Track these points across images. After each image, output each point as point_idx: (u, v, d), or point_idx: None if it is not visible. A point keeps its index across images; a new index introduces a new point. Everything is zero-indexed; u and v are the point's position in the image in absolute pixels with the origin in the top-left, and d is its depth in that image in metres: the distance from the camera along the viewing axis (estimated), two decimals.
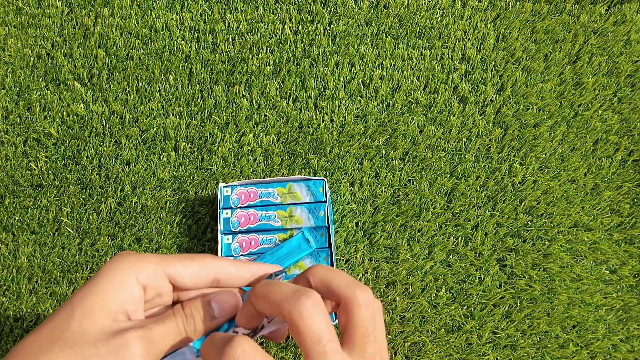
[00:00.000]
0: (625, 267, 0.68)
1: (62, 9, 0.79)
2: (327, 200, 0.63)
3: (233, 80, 0.75)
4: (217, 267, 0.32)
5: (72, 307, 0.29)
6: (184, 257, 0.32)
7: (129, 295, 0.30)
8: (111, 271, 0.30)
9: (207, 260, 0.32)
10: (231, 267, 0.33)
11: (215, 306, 0.32)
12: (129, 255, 0.31)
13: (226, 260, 0.33)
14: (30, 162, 0.73)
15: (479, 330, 0.66)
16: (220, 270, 0.32)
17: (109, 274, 0.30)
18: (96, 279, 0.30)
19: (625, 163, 0.72)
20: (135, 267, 0.30)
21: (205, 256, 0.33)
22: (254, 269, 0.33)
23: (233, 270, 0.33)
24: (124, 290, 0.30)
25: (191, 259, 0.32)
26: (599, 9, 0.78)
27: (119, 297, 0.29)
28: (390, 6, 0.78)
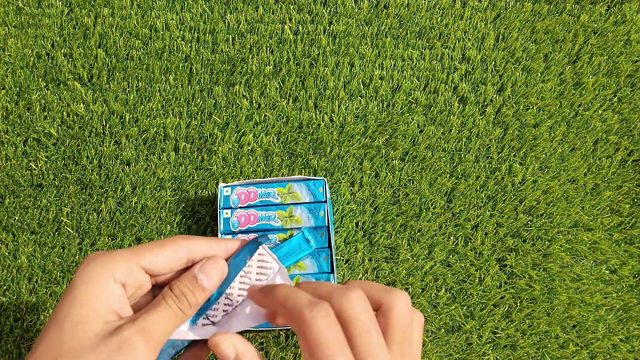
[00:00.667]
0: (625, 267, 0.68)
1: (62, 9, 0.79)
2: (327, 200, 0.63)
3: (233, 80, 0.75)
4: (190, 248, 0.32)
5: (58, 322, 0.29)
6: (155, 245, 0.32)
7: (111, 296, 0.30)
8: (86, 278, 0.29)
9: (178, 242, 0.32)
10: (203, 245, 0.33)
11: (202, 276, 0.32)
12: (99, 257, 0.30)
13: (198, 239, 0.33)
14: (30, 162, 0.73)
15: (479, 330, 0.66)
16: (193, 250, 0.32)
17: (85, 281, 0.29)
18: (73, 289, 0.29)
19: (625, 163, 0.72)
20: (109, 268, 0.30)
21: (175, 239, 0.32)
22: (229, 245, 0.34)
23: (206, 249, 0.33)
24: (105, 292, 0.29)
25: (162, 246, 0.32)
26: (599, 9, 0.78)
27: (102, 300, 0.29)
28: (390, 6, 0.78)
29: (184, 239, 0.33)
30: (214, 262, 0.33)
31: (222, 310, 0.35)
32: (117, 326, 0.29)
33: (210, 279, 0.32)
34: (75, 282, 0.30)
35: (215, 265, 0.33)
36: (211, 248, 0.33)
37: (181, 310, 0.31)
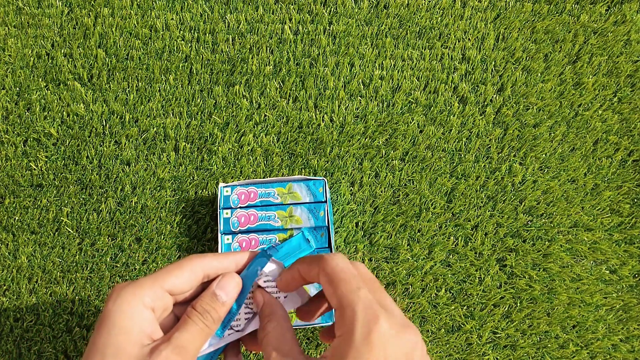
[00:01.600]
0: (625, 267, 0.68)
1: (62, 9, 0.79)
2: (327, 200, 0.63)
3: (233, 80, 0.75)
4: (204, 265, 0.36)
5: (99, 350, 0.31)
6: (174, 268, 0.35)
7: (144, 321, 0.33)
8: (119, 307, 0.32)
9: (194, 262, 0.35)
10: (215, 262, 0.36)
11: (221, 293, 0.35)
12: (127, 287, 0.33)
13: (209, 257, 0.36)
14: (30, 162, 0.73)
15: (479, 330, 0.66)
16: (206, 267, 0.36)
17: (119, 311, 0.32)
18: (109, 317, 0.32)
19: (625, 163, 0.72)
20: (139, 295, 0.33)
21: (191, 259, 0.35)
22: (238, 258, 0.38)
23: (218, 265, 0.36)
24: (138, 318, 0.32)
25: (180, 268, 0.35)
26: (599, 9, 0.78)
27: (137, 325, 0.32)
28: (390, 6, 0.78)
29: (198, 259, 0.36)
30: (230, 279, 0.36)
31: (244, 319, 0.38)
32: (154, 347, 0.32)
33: (228, 293, 0.36)
34: (109, 311, 0.32)
35: (231, 281, 0.36)
36: (222, 263, 0.36)
37: (207, 326, 0.34)
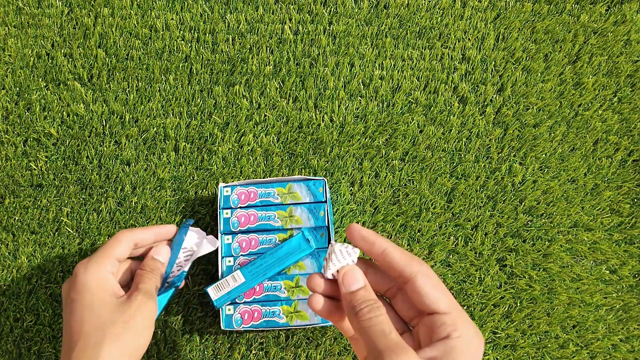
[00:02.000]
0: (625, 267, 0.68)
1: (62, 9, 0.79)
2: (327, 200, 0.63)
3: (233, 80, 0.75)
4: (133, 237, 0.52)
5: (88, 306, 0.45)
6: (115, 242, 0.50)
7: (111, 281, 0.47)
8: (92, 275, 0.46)
9: (127, 236, 0.51)
10: (140, 233, 0.52)
11: (158, 256, 0.54)
12: (90, 261, 0.47)
13: (136, 230, 0.52)
14: (30, 162, 0.73)
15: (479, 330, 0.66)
16: (136, 238, 0.52)
17: (92, 277, 0.46)
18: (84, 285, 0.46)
19: (625, 163, 0.72)
20: (102, 264, 0.47)
21: (123, 234, 0.51)
22: (156, 230, 0.55)
23: (142, 236, 0.53)
24: (107, 280, 0.47)
25: (119, 241, 0.50)
26: (599, 9, 0.78)
27: (109, 285, 0.47)
28: (390, 6, 0.78)
29: (129, 232, 0.51)
30: (162, 246, 0.55)
31: (177, 271, 0.57)
32: (128, 296, 0.47)
33: (162, 256, 0.54)
34: (84, 279, 0.46)
35: (162, 247, 0.54)
36: (144, 234, 0.53)
37: (156, 277, 0.51)
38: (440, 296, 0.33)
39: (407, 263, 0.33)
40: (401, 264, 0.34)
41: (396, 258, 0.34)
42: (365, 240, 0.35)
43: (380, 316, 0.32)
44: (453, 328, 0.31)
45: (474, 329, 0.32)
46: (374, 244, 0.34)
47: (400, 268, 0.33)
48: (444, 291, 0.33)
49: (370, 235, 0.35)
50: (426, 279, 0.33)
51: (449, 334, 0.31)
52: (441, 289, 0.33)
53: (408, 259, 0.34)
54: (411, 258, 0.34)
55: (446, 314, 0.32)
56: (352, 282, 0.34)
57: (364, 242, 0.35)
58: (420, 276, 0.33)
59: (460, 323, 0.32)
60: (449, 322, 0.32)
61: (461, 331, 0.31)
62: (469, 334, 0.32)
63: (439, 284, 0.33)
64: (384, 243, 0.34)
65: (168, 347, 0.66)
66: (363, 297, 0.33)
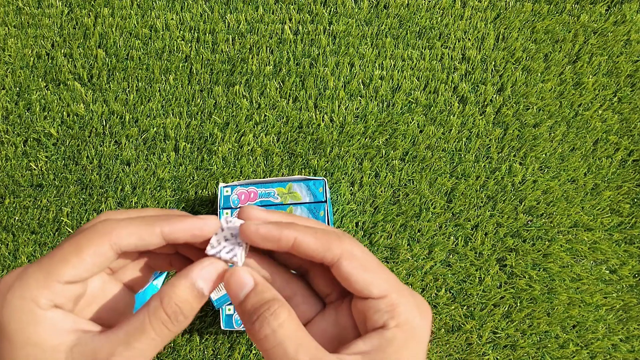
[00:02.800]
0: (625, 267, 0.68)
1: (62, 9, 0.79)
2: (327, 200, 0.63)
3: (233, 80, 0.75)
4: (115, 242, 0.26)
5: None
6: (71, 251, 0.26)
7: (52, 323, 0.25)
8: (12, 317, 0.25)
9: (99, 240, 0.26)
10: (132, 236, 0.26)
11: (204, 285, 0.26)
12: (12, 289, 0.25)
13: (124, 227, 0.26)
14: (30, 162, 0.73)
15: (479, 330, 0.66)
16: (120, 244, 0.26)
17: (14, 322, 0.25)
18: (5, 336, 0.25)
19: (625, 163, 0.72)
20: (28, 298, 0.25)
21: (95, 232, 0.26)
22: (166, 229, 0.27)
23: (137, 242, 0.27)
24: (42, 325, 0.25)
25: (79, 252, 0.26)
26: (599, 9, 0.78)
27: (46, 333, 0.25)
28: (390, 6, 0.78)
29: (106, 232, 0.26)
30: (214, 267, 0.27)
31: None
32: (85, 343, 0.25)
33: (210, 286, 0.27)
34: (2, 323, 0.25)
35: (215, 270, 0.27)
36: (143, 239, 0.27)
37: (171, 332, 0.25)
38: (372, 279, 0.27)
39: (325, 248, 0.27)
40: (319, 252, 0.27)
41: (311, 247, 0.27)
42: (269, 240, 0.27)
43: (281, 330, 0.25)
44: (389, 315, 0.26)
45: (416, 312, 0.27)
46: (280, 240, 0.27)
47: (319, 256, 0.27)
48: (376, 270, 0.27)
49: (272, 231, 0.27)
50: (351, 261, 0.27)
51: (384, 322, 0.26)
52: (372, 268, 0.27)
53: (325, 242, 0.27)
54: (328, 239, 0.27)
55: (381, 298, 0.27)
56: (238, 286, 0.27)
57: (268, 242, 0.27)
58: (344, 260, 0.27)
59: (400, 307, 0.26)
60: (385, 308, 0.26)
61: (400, 318, 0.26)
62: (409, 321, 0.26)
63: (369, 263, 0.27)
64: (291, 232, 0.27)
65: (168, 347, 0.66)
66: (254, 303, 0.26)
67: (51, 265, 0.25)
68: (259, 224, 0.27)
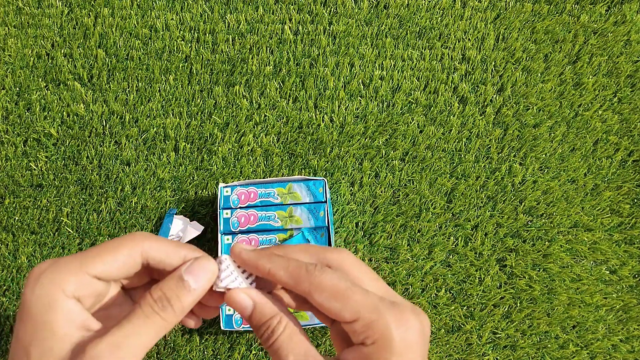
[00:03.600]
0: (625, 267, 0.68)
1: (62, 9, 0.79)
2: (327, 200, 0.63)
3: (233, 80, 0.75)
4: (145, 250, 0.29)
5: (25, 350, 0.27)
6: (107, 249, 0.29)
7: (69, 313, 0.27)
8: (38, 298, 0.27)
9: (133, 244, 0.29)
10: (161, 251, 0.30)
11: (190, 278, 0.29)
12: (46, 272, 0.27)
13: (155, 241, 0.30)
14: (30, 162, 0.73)
15: (479, 330, 0.66)
16: (149, 253, 0.29)
17: (38, 303, 0.27)
18: (28, 312, 0.27)
19: (625, 163, 0.72)
20: (57, 282, 0.27)
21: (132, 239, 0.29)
22: (186, 254, 0.30)
23: (163, 257, 0.30)
24: (61, 311, 0.27)
25: (115, 251, 0.29)
26: (599, 9, 0.78)
27: (61, 319, 0.27)
28: (390, 6, 0.78)
29: (140, 240, 0.29)
30: (206, 264, 0.29)
31: None
32: (81, 344, 0.26)
33: (199, 280, 0.29)
34: (28, 302, 0.27)
35: (206, 267, 0.29)
36: (168, 256, 0.30)
37: (162, 318, 0.28)
38: (340, 307, 0.28)
39: (295, 282, 0.29)
40: (290, 285, 0.29)
41: (282, 279, 0.29)
42: (248, 266, 0.30)
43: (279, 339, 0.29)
44: (365, 335, 0.28)
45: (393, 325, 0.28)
46: (257, 268, 0.30)
47: (292, 288, 0.29)
48: (345, 296, 0.28)
49: (251, 259, 0.30)
50: (320, 293, 0.29)
51: (362, 340, 0.28)
52: (341, 296, 0.28)
53: (295, 276, 0.29)
54: (297, 274, 0.29)
55: (354, 321, 0.28)
56: (240, 309, 0.30)
57: (248, 268, 0.31)
58: (313, 293, 0.29)
59: (373, 325, 0.28)
60: (359, 330, 0.28)
61: (374, 336, 0.28)
62: (385, 336, 0.28)
63: (339, 290, 0.29)
64: (266, 264, 0.30)
65: (168, 347, 0.66)
66: (257, 322, 0.30)
67: (86, 258, 0.28)
68: (243, 248, 0.31)
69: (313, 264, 0.29)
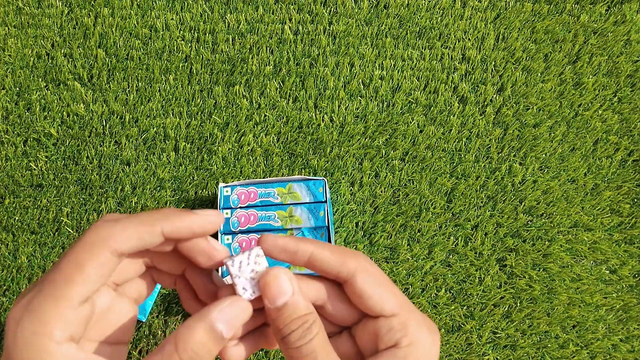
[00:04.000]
0: (625, 267, 0.68)
1: (62, 9, 0.79)
2: (327, 200, 0.63)
3: (233, 80, 0.75)
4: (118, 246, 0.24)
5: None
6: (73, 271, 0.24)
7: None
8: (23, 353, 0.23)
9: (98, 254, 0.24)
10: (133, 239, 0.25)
11: (223, 327, 0.25)
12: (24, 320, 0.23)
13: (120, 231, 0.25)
14: (30, 162, 0.73)
15: (479, 330, 0.66)
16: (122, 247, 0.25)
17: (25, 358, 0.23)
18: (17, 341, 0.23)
19: (625, 163, 0.72)
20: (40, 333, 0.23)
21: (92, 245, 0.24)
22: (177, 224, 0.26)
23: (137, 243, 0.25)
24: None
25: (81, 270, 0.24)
26: (599, 9, 0.78)
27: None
28: (390, 6, 0.78)
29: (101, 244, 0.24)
30: (237, 307, 0.25)
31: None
32: None
33: (233, 326, 0.25)
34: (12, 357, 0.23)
35: (238, 310, 0.25)
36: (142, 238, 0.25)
37: None
38: (385, 295, 0.27)
39: (341, 262, 0.27)
40: (335, 266, 0.27)
41: (326, 260, 0.27)
42: (287, 251, 0.27)
43: (314, 341, 0.25)
44: (402, 334, 0.26)
45: (427, 332, 0.27)
46: (296, 252, 0.27)
47: (335, 270, 0.27)
48: (389, 288, 0.27)
49: (290, 243, 0.27)
50: (366, 276, 0.27)
51: (397, 341, 0.26)
52: (386, 285, 0.27)
53: (341, 257, 0.27)
54: (344, 255, 0.27)
55: (394, 316, 0.27)
56: (277, 293, 0.26)
57: (285, 253, 0.28)
58: (359, 275, 0.27)
59: (412, 326, 0.27)
60: (397, 327, 0.27)
61: (412, 337, 0.26)
62: (421, 340, 0.27)
63: (383, 280, 0.27)
64: (308, 246, 0.27)
65: None
66: (291, 315, 0.26)
67: (57, 290, 0.24)
68: (277, 235, 0.27)
69: (354, 249, 0.28)
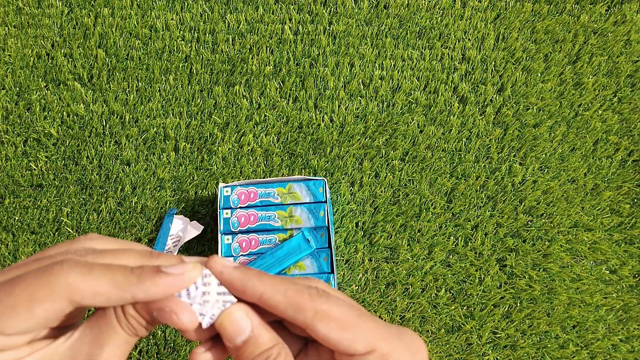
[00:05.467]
0: (625, 267, 0.68)
1: (62, 9, 0.79)
2: (327, 200, 0.63)
3: (233, 80, 0.75)
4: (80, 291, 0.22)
5: None
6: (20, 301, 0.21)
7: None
8: None
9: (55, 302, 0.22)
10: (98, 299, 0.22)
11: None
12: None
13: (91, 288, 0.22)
14: (30, 162, 0.73)
15: (479, 330, 0.66)
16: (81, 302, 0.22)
17: None
18: None
19: (625, 163, 0.72)
20: None
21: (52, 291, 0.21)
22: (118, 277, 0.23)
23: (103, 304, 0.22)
24: None
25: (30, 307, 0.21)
26: (599, 9, 0.78)
27: None
28: (390, 6, 0.78)
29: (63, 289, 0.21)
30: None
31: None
32: None
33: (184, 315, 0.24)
34: None
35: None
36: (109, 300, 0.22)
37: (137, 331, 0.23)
38: (353, 338, 0.24)
39: (296, 309, 0.24)
40: (288, 313, 0.24)
41: (279, 306, 0.24)
42: (232, 287, 0.24)
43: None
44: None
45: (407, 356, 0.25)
46: (244, 292, 0.24)
47: (290, 317, 0.24)
48: (357, 325, 0.24)
49: (236, 280, 0.24)
50: (327, 323, 0.24)
51: None
52: (352, 324, 0.24)
53: (295, 303, 0.24)
54: (299, 299, 0.24)
55: (370, 353, 0.24)
56: (234, 332, 0.24)
57: (230, 288, 0.25)
58: (318, 323, 0.24)
59: (390, 357, 0.24)
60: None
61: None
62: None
63: (348, 319, 0.24)
64: (258, 286, 0.24)
65: (168, 347, 0.66)
66: (253, 352, 0.24)
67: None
68: (225, 265, 0.24)
69: (314, 288, 0.24)
